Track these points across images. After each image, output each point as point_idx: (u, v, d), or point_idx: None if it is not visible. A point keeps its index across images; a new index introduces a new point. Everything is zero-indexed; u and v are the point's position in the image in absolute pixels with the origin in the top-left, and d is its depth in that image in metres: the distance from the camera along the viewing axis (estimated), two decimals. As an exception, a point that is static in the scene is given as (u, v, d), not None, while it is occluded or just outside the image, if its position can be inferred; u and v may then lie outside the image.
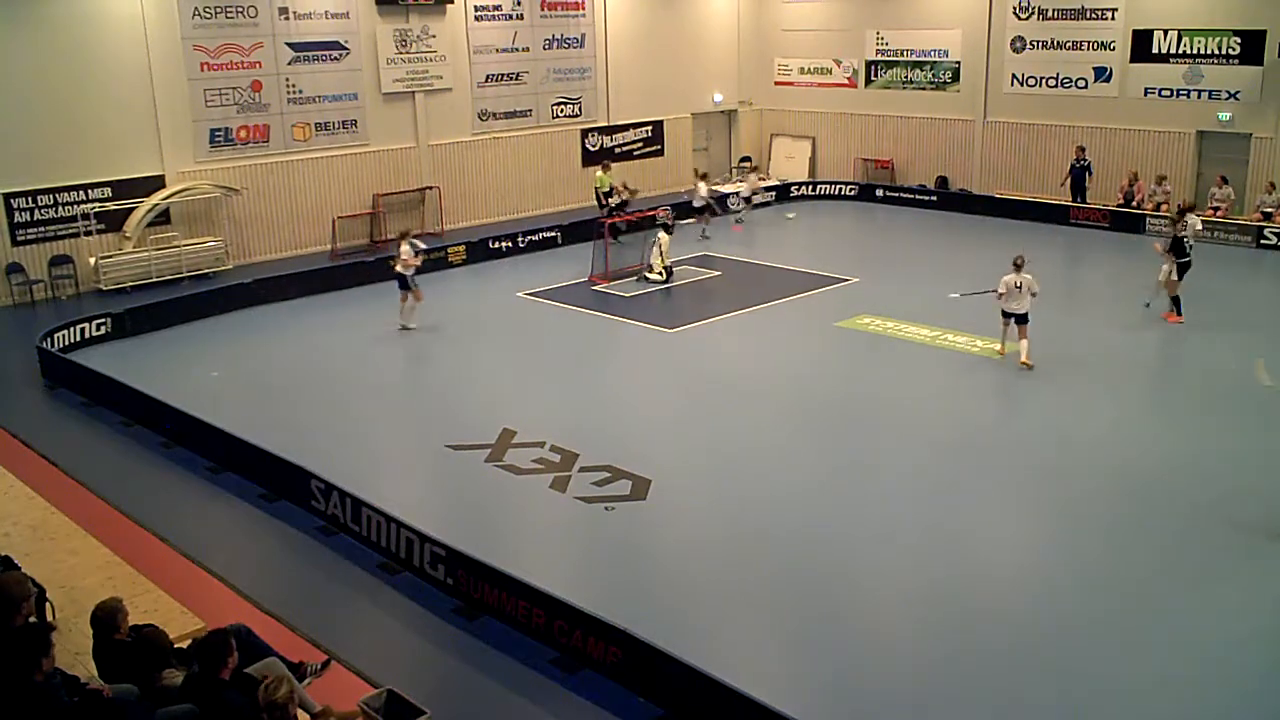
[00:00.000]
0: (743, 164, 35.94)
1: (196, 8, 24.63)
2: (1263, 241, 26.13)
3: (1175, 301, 19.97)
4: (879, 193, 32.99)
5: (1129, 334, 19.63)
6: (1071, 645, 10.09)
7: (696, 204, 28.52)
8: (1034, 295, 17.63)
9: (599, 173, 29.00)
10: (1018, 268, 17.71)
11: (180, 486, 14.02)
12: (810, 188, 33.89)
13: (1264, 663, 9.90)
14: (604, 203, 28.13)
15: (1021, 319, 17.68)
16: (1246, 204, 27.54)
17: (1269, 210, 26.64)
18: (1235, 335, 19.27)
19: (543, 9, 31.05)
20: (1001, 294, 17.79)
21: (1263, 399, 16.07)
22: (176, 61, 24.55)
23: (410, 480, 14.46)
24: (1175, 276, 19.92)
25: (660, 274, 23.74)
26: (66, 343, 19.39)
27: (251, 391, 17.65)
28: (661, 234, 23.97)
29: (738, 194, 31.20)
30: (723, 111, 36.44)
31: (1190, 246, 20.07)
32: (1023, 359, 17.59)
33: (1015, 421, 15.97)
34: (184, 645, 8.88)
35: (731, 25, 35.91)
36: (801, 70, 36.20)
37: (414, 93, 28.69)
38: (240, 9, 25.27)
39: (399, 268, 20.42)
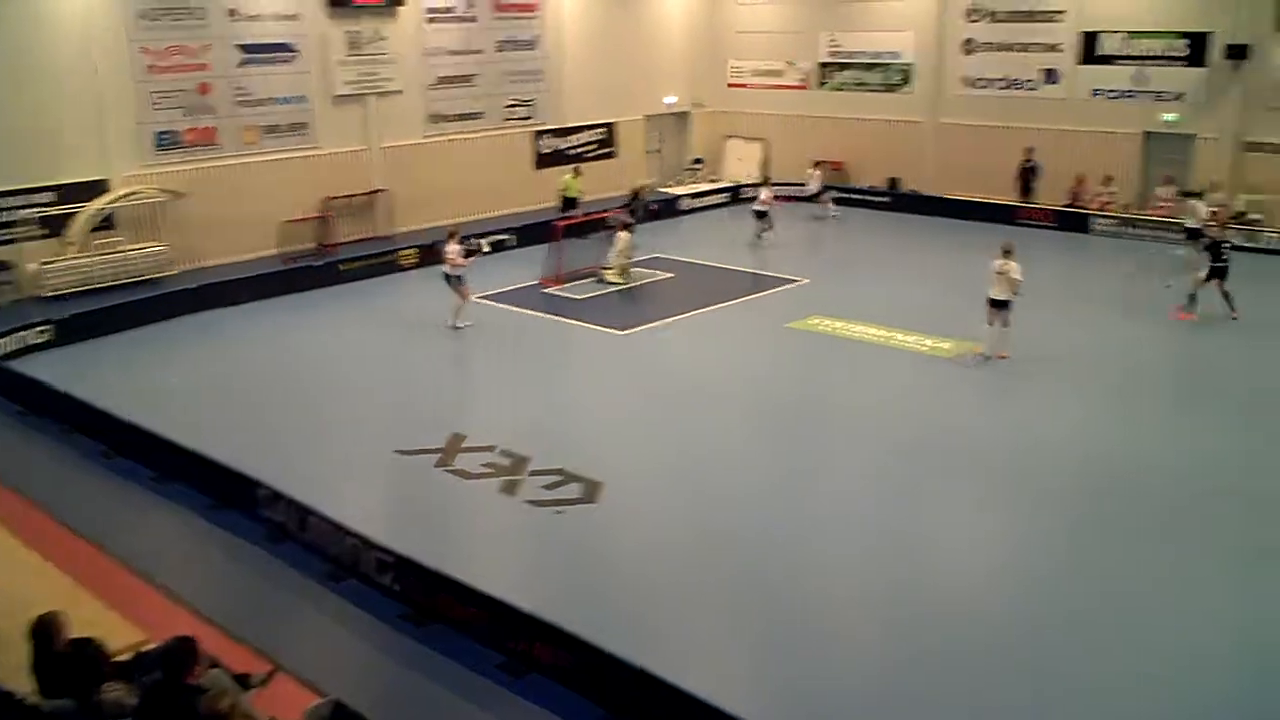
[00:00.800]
0: (696, 164, 36.04)
1: (143, 9, 24.28)
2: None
3: (1191, 298, 20.28)
4: (832, 194, 33.04)
5: (1083, 331, 19.85)
6: (1040, 645, 10.17)
7: (758, 209, 27.87)
8: (1016, 287, 17.69)
9: (567, 176, 29.00)
10: (1006, 254, 17.85)
11: (122, 496, 13.78)
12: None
13: (1235, 662, 9.98)
14: (569, 207, 28.15)
15: (999, 305, 17.84)
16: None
17: (1213, 209, 27.01)
18: (1188, 332, 19.57)
19: (496, 11, 30.92)
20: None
21: (1229, 396, 16.33)
22: (122, 63, 24.16)
23: (358, 486, 14.29)
24: (1202, 275, 20.25)
25: (620, 276, 23.69)
26: (7, 351, 19.03)
27: (197, 398, 17.40)
28: (623, 234, 23.93)
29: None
30: (676, 113, 36.46)
31: (1225, 249, 20.25)
32: (999, 352, 17.97)
33: (972, 420, 15.96)
34: (125, 658, 8.74)
35: (684, 27, 35.97)
36: (755, 72, 36.30)
37: (365, 95, 28.45)
38: (188, 10, 24.93)
39: (447, 268, 20.47)
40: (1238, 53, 26.93)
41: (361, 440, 15.70)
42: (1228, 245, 20.46)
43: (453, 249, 20.31)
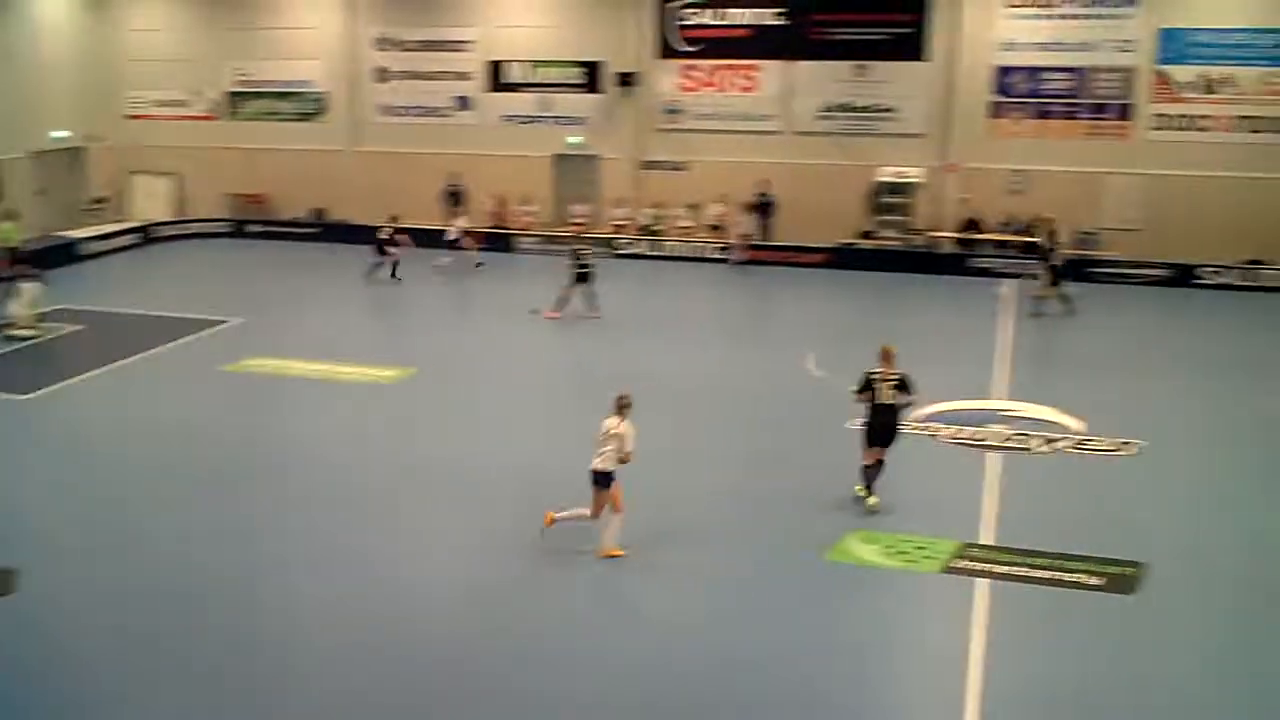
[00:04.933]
0: (98, 204, 32.77)
1: None
2: (619, 252, 28.62)
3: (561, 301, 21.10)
4: (254, 228, 31.69)
5: (515, 345, 20.45)
6: (500, 660, 9.96)
7: None
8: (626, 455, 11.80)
9: (6, 225, 25.22)
10: (620, 410, 11.90)
11: None
12: (176, 227, 31.70)
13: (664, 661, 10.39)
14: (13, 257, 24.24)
15: (601, 478, 11.84)
16: (602, 218, 30.03)
17: (621, 223, 29.22)
18: (614, 336, 20.80)
19: None
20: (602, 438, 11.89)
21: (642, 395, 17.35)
22: None
23: None
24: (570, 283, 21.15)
25: (28, 329, 20.73)
26: None
27: None
28: (28, 285, 20.97)
29: None
30: (68, 149, 32.84)
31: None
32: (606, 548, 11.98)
33: (424, 447, 15.64)
34: None
35: (69, 55, 32.27)
36: (158, 103, 33.76)
37: None
38: None
39: None
40: (626, 80, 29.34)
41: None
42: (587, 253, 22.48)
43: None
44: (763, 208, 28.69)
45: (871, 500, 13.03)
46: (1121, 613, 10.81)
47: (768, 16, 28.70)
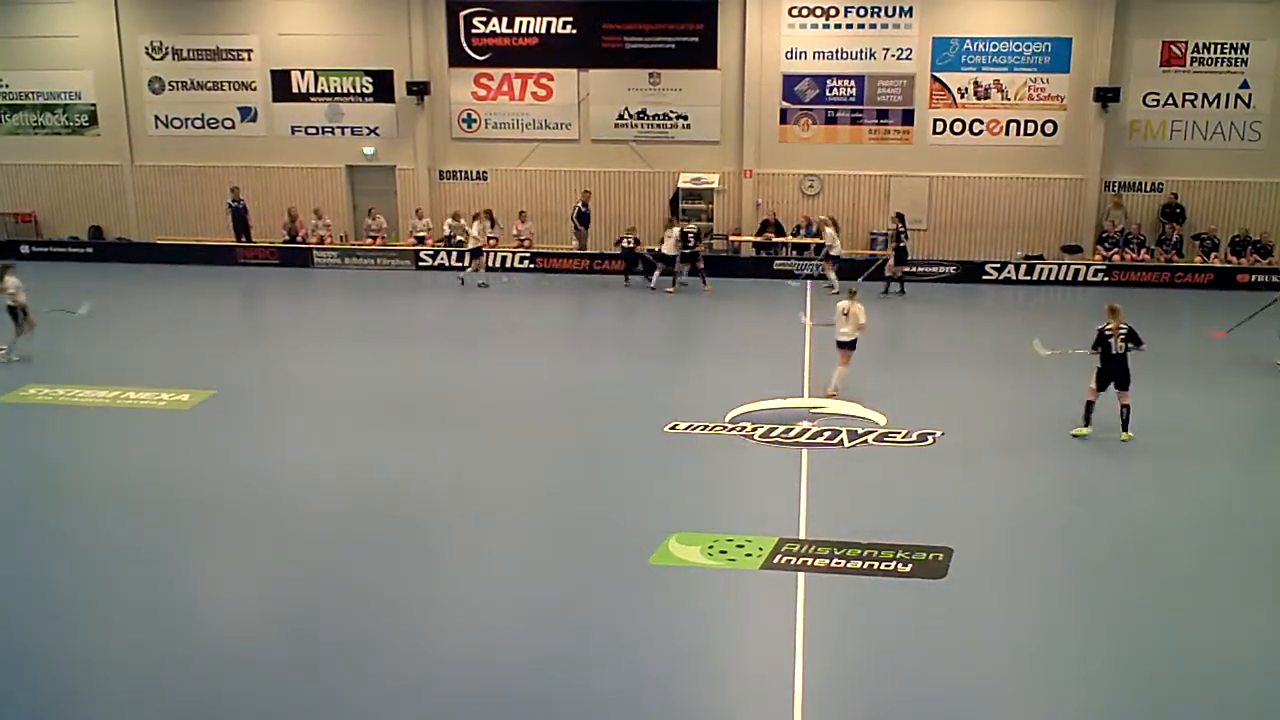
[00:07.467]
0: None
1: None
2: (420, 264, 28.08)
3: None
4: (24, 249, 29.72)
5: (316, 366, 19.77)
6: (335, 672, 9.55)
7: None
8: (860, 327, 17.30)
9: None
10: (851, 294, 17.53)
11: None
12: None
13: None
14: None
15: (846, 345, 17.38)
16: (402, 231, 29.41)
17: (421, 235, 28.70)
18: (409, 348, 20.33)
19: None
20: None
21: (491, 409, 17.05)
22: None
23: None
24: None
25: None
26: None
27: None
28: None
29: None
30: None
31: None
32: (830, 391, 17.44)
33: (229, 465, 14.80)
34: None
35: None
36: (-96, 118, 31.27)
37: None
38: None
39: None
40: (419, 89, 28.83)
41: None
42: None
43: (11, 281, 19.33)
44: (580, 218, 28.76)
45: (1084, 431, 15.61)
46: (933, 597, 11.17)
47: (557, 25, 28.76)
